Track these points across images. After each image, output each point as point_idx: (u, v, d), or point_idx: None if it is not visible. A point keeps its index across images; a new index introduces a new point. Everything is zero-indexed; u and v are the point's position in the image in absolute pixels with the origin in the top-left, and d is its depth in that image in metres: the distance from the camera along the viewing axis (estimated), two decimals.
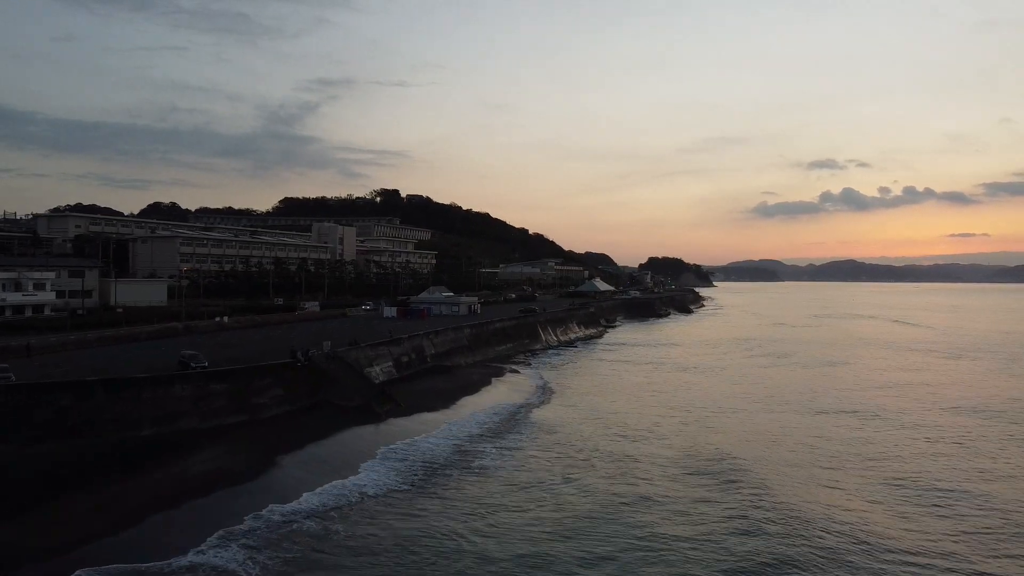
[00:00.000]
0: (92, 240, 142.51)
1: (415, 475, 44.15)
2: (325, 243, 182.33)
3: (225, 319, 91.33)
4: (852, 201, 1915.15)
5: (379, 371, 71.10)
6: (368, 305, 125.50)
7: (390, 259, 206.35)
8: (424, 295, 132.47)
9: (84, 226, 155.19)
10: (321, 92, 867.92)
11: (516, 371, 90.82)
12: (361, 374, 65.61)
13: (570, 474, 45.09)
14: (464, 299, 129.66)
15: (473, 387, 76.16)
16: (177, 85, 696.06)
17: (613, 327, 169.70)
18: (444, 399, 68.05)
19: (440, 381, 77.45)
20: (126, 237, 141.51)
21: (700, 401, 70.97)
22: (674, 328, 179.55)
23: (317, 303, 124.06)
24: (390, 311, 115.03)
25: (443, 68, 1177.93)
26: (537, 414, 63.93)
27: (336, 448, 49.42)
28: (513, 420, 61.09)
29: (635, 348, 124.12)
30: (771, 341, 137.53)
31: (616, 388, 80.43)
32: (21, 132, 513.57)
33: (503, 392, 75.13)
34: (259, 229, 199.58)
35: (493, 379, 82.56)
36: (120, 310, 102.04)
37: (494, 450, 50.74)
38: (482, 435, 55.09)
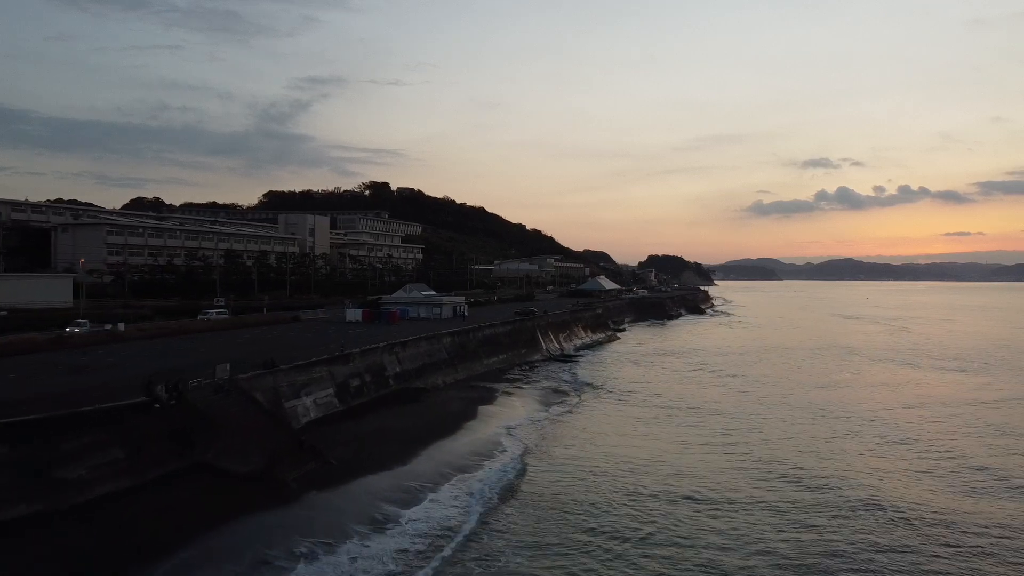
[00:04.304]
0: (10, 229, 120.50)
1: None
2: (293, 235, 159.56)
3: (121, 326, 68.81)
4: (847, 200, 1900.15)
5: (310, 404, 48.80)
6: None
7: (367, 253, 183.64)
8: (399, 294, 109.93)
9: (6, 214, 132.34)
10: (313, 91, 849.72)
11: (511, 394, 68.69)
12: (273, 413, 43.28)
13: None
14: (448, 299, 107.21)
15: (450, 423, 53.96)
16: (169, 84, 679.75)
17: (622, 330, 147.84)
18: (404, 446, 45.90)
19: (403, 415, 55.14)
20: (47, 225, 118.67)
21: (781, 462, 48.50)
22: (691, 332, 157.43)
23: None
24: (354, 314, 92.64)
25: (436, 67, 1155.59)
26: (543, 480, 41.65)
27: None
28: (507, 491, 38.96)
29: (658, 358, 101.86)
30: (819, 352, 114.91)
31: (648, 426, 58.25)
32: (15, 131, 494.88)
33: (492, 432, 52.86)
34: (219, 220, 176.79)
35: (479, 408, 60.40)
36: (4, 313, 79.95)
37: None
38: (455, 530, 32.89)
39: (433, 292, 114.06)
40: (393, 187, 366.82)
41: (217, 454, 37.52)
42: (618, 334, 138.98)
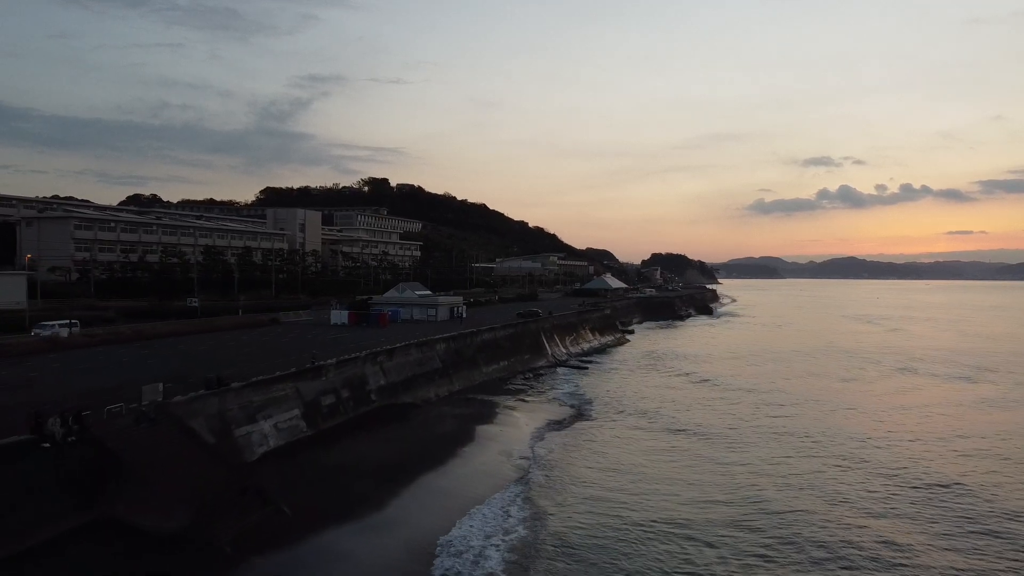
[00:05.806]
0: None
1: None
2: (282, 230, 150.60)
3: (64, 332, 59.92)
4: (849, 198, 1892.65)
5: (269, 431, 39.91)
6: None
7: (362, 250, 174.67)
8: (391, 294, 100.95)
9: None
10: (313, 88, 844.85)
11: (513, 409, 59.87)
12: (215, 446, 34.49)
13: None
14: (444, 299, 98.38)
15: (441, 449, 45.14)
16: (170, 82, 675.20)
17: (631, 332, 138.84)
18: (381, 484, 37.09)
19: (386, 439, 46.31)
20: (12, 219, 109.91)
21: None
22: (704, 334, 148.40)
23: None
24: (340, 316, 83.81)
25: (436, 65, 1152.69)
26: (558, 535, 32.79)
27: None
28: (515, 553, 30.14)
29: (672, 365, 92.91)
30: (848, 362, 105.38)
31: (675, 461, 49.42)
32: (16, 129, 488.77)
33: (492, 461, 44.10)
34: (204, 215, 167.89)
35: (477, 429, 51.58)
36: None
37: None
38: None
39: (428, 292, 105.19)
40: (393, 183, 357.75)
41: (129, 506, 28.61)
42: (627, 336, 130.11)
